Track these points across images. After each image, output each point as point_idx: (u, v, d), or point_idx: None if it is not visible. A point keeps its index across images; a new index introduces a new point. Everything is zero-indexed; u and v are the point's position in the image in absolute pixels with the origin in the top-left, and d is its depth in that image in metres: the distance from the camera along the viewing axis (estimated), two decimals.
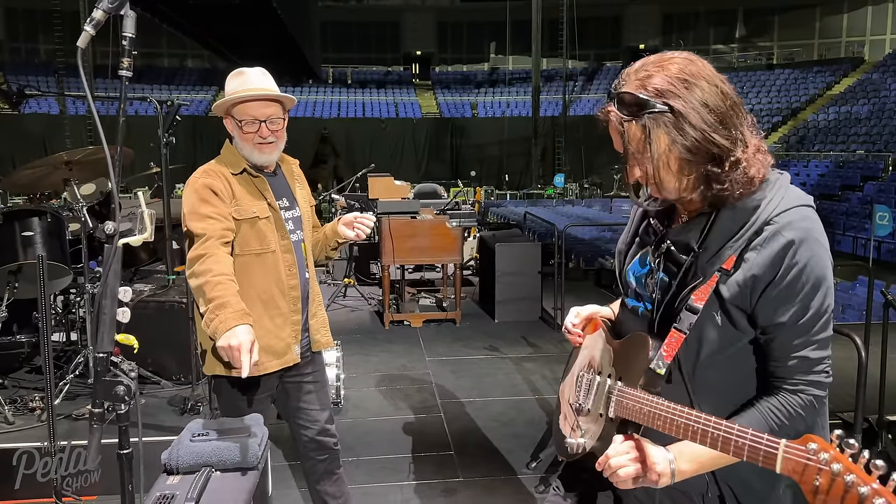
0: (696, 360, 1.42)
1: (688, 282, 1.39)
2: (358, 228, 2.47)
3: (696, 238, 1.40)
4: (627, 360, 1.50)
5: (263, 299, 2.32)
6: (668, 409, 1.32)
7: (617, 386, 1.47)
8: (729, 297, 1.35)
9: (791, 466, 1.10)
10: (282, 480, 3.43)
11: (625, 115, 1.33)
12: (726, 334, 1.39)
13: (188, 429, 2.05)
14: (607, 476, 1.39)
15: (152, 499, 1.77)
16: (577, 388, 1.64)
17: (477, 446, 3.96)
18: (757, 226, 1.33)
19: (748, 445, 1.17)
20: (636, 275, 1.56)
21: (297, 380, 2.51)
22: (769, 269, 1.31)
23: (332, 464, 2.64)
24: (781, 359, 1.38)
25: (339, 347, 4.59)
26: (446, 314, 6.53)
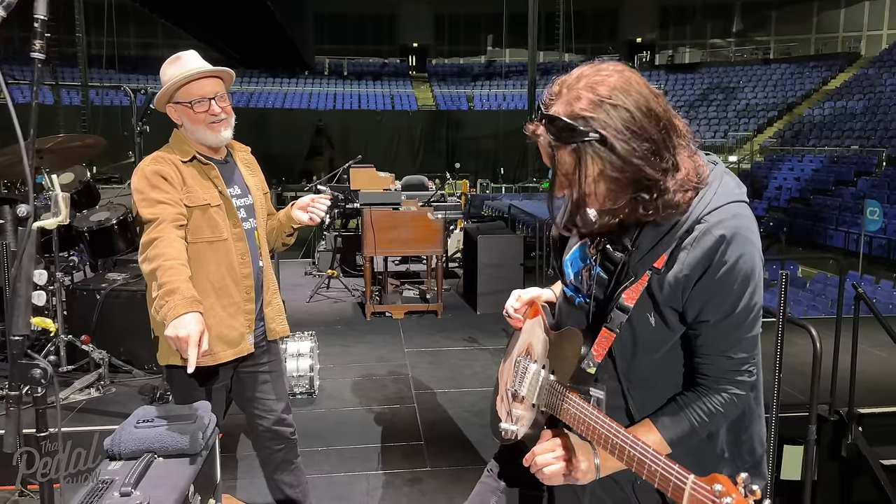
0: (631, 358, 1.42)
1: (621, 280, 1.39)
2: (312, 212, 2.46)
3: (630, 236, 1.39)
4: (560, 353, 1.49)
5: (216, 288, 2.32)
6: (592, 417, 1.33)
7: (549, 379, 1.48)
8: (661, 296, 1.35)
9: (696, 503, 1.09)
10: (250, 469, 3.44)
11: (554, 141, 1.30)
12: (660, 333, 1.39)
13: (134, 415, 2.06)
14: (533, 472, 1.41)
15: (91, 484, 1.78)
16: (514, 374, 1.65)
17: (447, 436, 3.97)
18: (688, 224, 1.33)
19: (660, 473, 1.17)
20: (574, 266, 1.56)
21: (253, 369, 2.51)
22: (698, 268, 1.31)
23: (289, 453, 2.64)
24: (707, 356, 1.39)
25: (314, 338, 4.59)
26: (428, 306, 6.53)
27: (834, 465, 4.04)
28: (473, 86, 32.98)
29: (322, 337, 5.10)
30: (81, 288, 4.18)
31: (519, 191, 24.67)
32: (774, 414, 2.62)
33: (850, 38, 31.73)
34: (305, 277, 8.00)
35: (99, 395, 3.72)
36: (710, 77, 31.62)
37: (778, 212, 19.54)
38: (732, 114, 28.55)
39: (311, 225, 2.51)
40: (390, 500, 3.29)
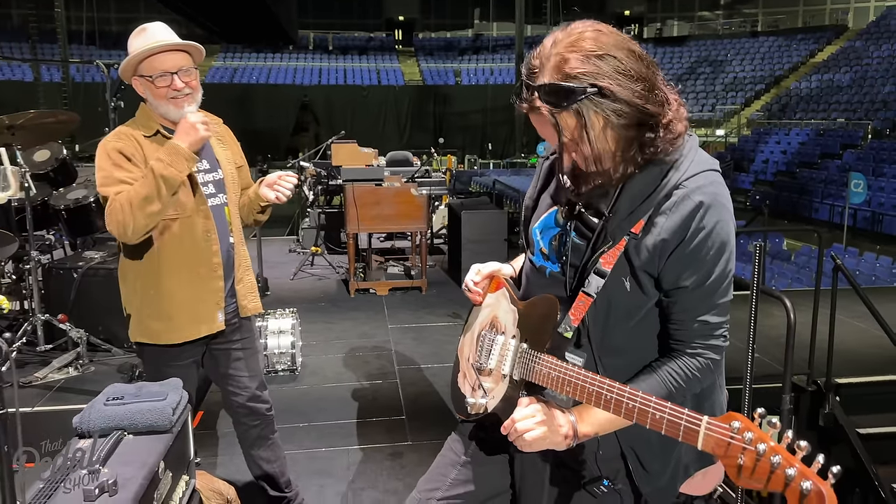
0: (604, 324, 1.42)
1: (598, 246, 1.39)
2: (278, 190, 2.43)
3: (606, 202, 1.38)
4: (533, 322, 1.48)
5: (182, 264, 2.29)
6: (579, 376, 1.32)
7: (522, 348, 1.46)
8: (637, 262, 1.35)
9: (713, 444, 1.09)
10: (231, 446, 3.44)
11: (554, 108, 1.28)
12: (635, 299, 1.39)
13: (104, 392, 2.04)
14: (512, 440, 1.39)
15: (59, 461, 1.76)
16: (479, 348, 1.63)
17: (429, 411, 3.99)
18: (667, 190, 1.33)
19: (667, 419, 1.16)
20: (545, 234, 1.54)
21: (226, 347, 2.50)
22: (677, 233, 1.31)
23: (266, 429, 2.64)
24: (682, 322, 1.40)
25: (295, 315, 4.58)
26: (412, 282, 6.52)
27: (812, 434, 4.09)
28: (461, 60, 32.68)
29: (305, 314, 5.09)
30: (58, 266, 4.13)
31: (507, 166, 24.57)
32: (748, 385, 2.64)
33: (838, 10, 31.63)
34: (290, 255, 7.96)
35: (77, 374, 3.69)
36: (699, 50, 31.50)
37: (764, 185, 19.59)
38: (720, 87, 28.49)
39: (278, 203, 2.48)
40: (370, 475, 3.30)
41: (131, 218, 2.11)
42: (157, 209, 2.13)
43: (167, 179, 2.12)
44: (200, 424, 3.77)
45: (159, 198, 2.12)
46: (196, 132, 2.17)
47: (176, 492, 1.97)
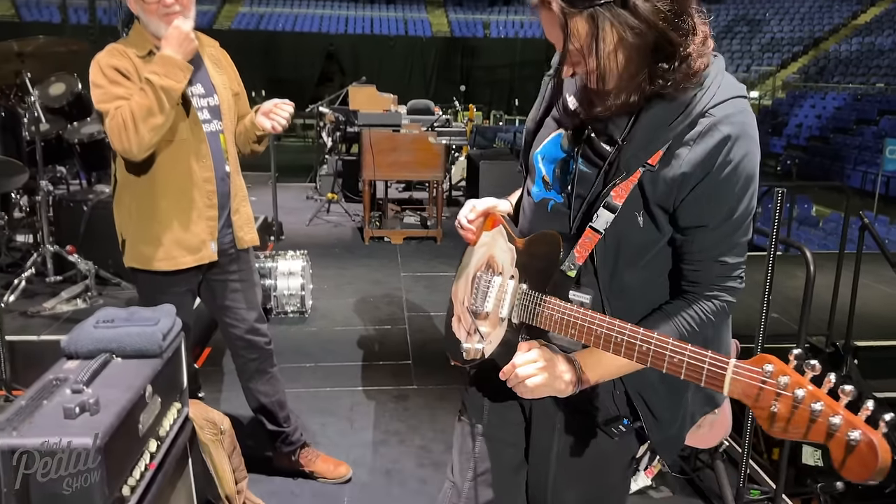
0: (613, 263, 1.31)
1: (609, 177, 1.27)
2: (274, 119, 2.34)
3: (620, 128, 1.25)
4: (534, 260, 1.38)
5: (174, 191, 2.24)
6: (585, 317, 1.22)
7: (521, 289, 1.36)
8: (653, 196, 1.24)
9: (742, 389, 0.98)
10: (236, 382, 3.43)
11: (569, 7, 1.15)
12: (647, 235, 1.28)
13: (94, 315, 2.01)
14: (511, 386, 1.30)
15: (43, 381, 1.74)
16: (474, 290, 1.52)
17: (436, 357, 3.96)
18: (691, 118, 1.20)
19: (686, 363, 1.05)
20: (548, 160, 1.41)
21: (222, 278, 2.46)
22: (701, 167, 1.19)
23: (264, 363, 2.62)
24: (699, 262, 1.28)
25: (306, 257, 4.55)
26: (427, 232, 6.46)
27: None
28: (490, 12, 31.92)
29: (319, 259, 5.07)
30: (69, 199, 4.11)
31: None
32: (760, 345, 2.54)
33: None
34: (306, 201, 7.92)
35: (86, 307, 3.70)
36: (736, 8, 30.42)
37: (797, 150, 19.08)
38: (756, 47, 27.58)
39: (273, 133, 2.39)
40: (374, 415, 3.29)
41: (135, 132, 2.05)
42: (160, 122, 2.07)
43: (167, 90, 2.05)
44: (207, 361, 3.78)
45: (161, 110, 2.06)
46: (189, 41, 2.10)
47: (167, 418, 1.94)
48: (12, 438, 1.47)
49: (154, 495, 1.78)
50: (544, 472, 1.45)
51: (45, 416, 1.57)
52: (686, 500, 2.69)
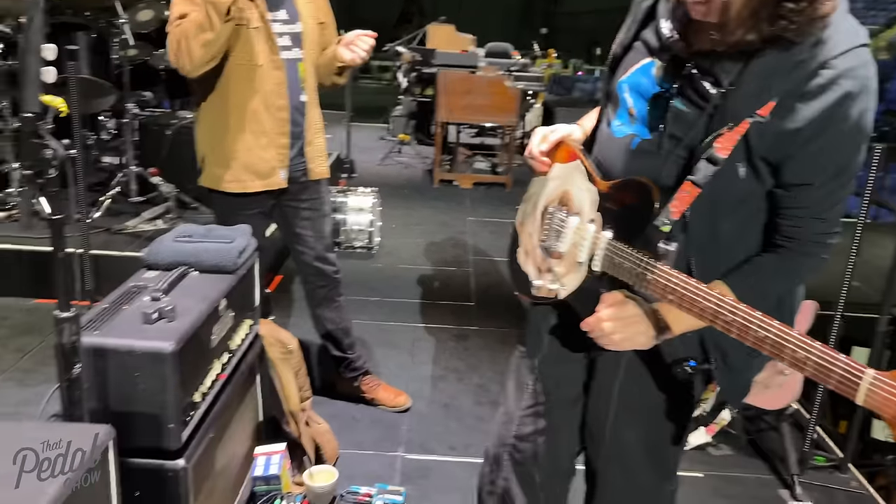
0: (708, 215, 1.23)
1: (714, 125, 1.17)
2: (354, 50, 2.32)
3: (728, 72, 1.15)
4: (621, 209, 1.29)
5: (247, 115, 2.27)
6: (688, 287, 1.12)
7: (604, 237, 1.28)
8: (758, 148, 1.15)
9: (879, 404, 0.89)
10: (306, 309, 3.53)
11: None
12: (746, 187, 1.20)
13: (174, 230, 2.08)
14: (594, 337, 1.26)
15: (125, 288, 1.82)
16: (546, 226, 1.46)
17: (498, 301, 3.96)
18: (810, 69, 1.10)
19: (812, 361, 0.95)
20: (635, 92, 1.31)
21: (294, 205, 2.50)
22: (816, 124, 1.11)
23: (332, 291, 2.67)
24: (799, 219, 1.21)
25: (376, 194, 4.58)
26: (497, 178, 6.40)
27: None
28: None
29: (388, 199, 5.09)
30: (153, 123, 4.24)
31: None
32: (840, 312, 2.42)
33: None
34: (379, 142, 7.94)
35: (166, 227, 3.84)
36: None
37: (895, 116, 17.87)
38: (861, 4, 25.71)
39: (353, 65, 2.37)
40: (434, 351, 3.33)
41: (186, 48, 2.09)
42: (209, 38, 2.08)
43: (214, 4, 2.05)
44: (278, 287, 3.90)
45: (211, 26, 2.07)
46: None
47: (238, 332, 2.01)
48: (94, 337, 1.55)
49: (223, 404, 1.86)
50: (605, 408, 1.43)
51: (125, 320, 1.65)
52: (746, 460, 2.64)
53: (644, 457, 1.44)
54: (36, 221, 3.75)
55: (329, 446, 2.40)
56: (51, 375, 1.75)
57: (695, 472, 2.53)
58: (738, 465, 2.61)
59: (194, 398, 1.70)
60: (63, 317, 1.35)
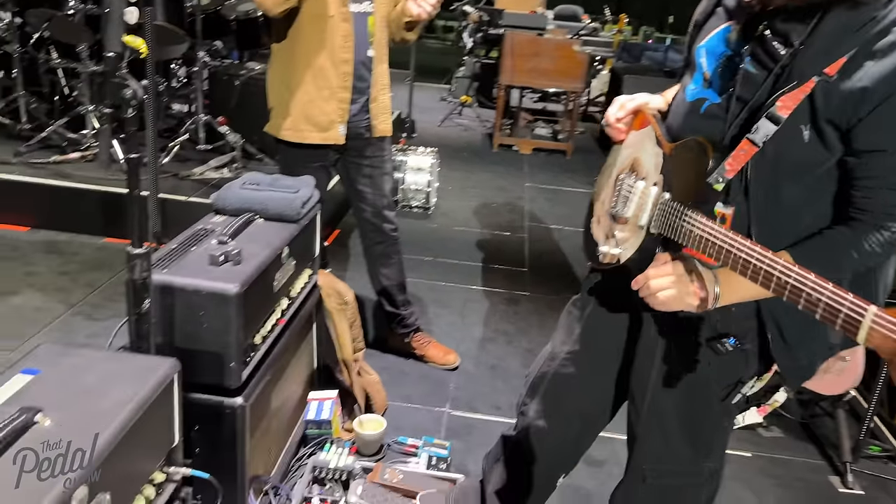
0: (769, 181, 1.21)
1: (779, 84, 1.15)
2: (422, 5, 2.30)
3: (799, 30, 1.13)
4: (680, 168, 1.29)
5: (311, 66, 2.29)
6: (725, 239, 1.12)
7: (663, 198, 1.28)
8: (824, 110, 1.12)
9: (878, 341, 0.88)
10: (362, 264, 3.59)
11: None
12: (811, 154, 1.17)
13: (242, 178, 2.13)
14: (643, 296, 1.26)
15: (193, 230, 1.89)
16: (616, 193, 1.47)
17: (552, 268, 3.95)
18: (882, 25, 1.07)
19: (824, 302, 0.95)
20: (712, 56, 1.30)
21: (356, 161, 2.53)
22: (887, 84, 1.06)
23: (389, 248, 2.71)
24: (872, 189, 1.16)
25: (435, 154, 4.58)
26: (558, 144, 6.31)
27: None
28: None
29: (446, 161, 5.09)
30: (223, 73, 4.32)
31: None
32: None
33: None
34: (440, 103, 7.91)
35: (231, 176, 3.93)
36: None
37: None
38: None
39: (419, 20, 2.35)
40: (484, 313, 3.35)
41: None
42: None
43: None
44: (335, 241, 3.97)
45: None
46: None
47: (298, 281, 2.07)
48: (163, 275, 1.62)
49: (281, 348, 1.92)
50: (647, 372, 1.45)
51: (193, 261, 1.71)
52: (797, 444, 2.59)
53: (681, 428, 1.44)
54: (109, 163, 3.89)
55: (379, 397, 2.46)
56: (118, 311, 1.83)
57: (742, 452, 2.51)
58: (788, 447, 2.56)
59: (255, 340, 1.77)
60: (135, 253, 1.41)
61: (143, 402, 1.14)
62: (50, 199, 3.67)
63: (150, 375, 1.20)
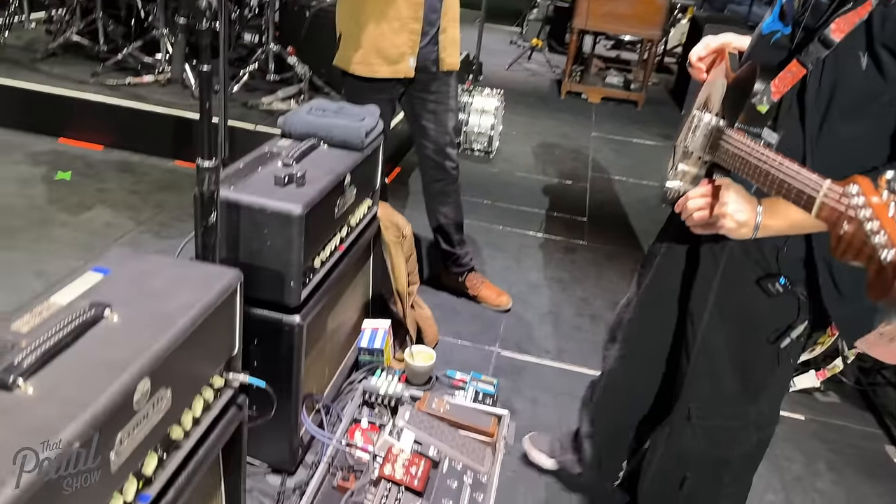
0: (825, 110, 1.18)
1: (837, 7, 1.13)
2: None
3: None
4: (735, 94, 1.28)
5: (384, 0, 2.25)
6: (752, 151, 1.12)
7: (719, 125, 1.28)
8: (880, 34, 1.08)
9: (826, 214, 0.89)
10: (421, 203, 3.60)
11: None
12: (869, 84, 1.13)
13: (309, 104, 2.15)
14: (684, 218, 1.29)
15: (260, 151, 1.91)
16: (688, 129, 1.46)
17: (612, 219, 3.88)
18: None
19: (795, 189, 0.96)
20: None
21: (421, 95, 2.51)
22: None
23: (448, 186, 2.70)
24: None
25: (501, 97, 4.51)
26: (628, 94, 6.11)
27: None
28: None
29: (511, 105, 5.00)
30: (293, 3, 4.30)
31: None
32: None
33: None
34: (509, 46, 7.73)
35: (298, 108, 3.96)
36: None
37: None
38: None
39: None
40: (540, 259, 3.33)
41: None
42: None
43: None
44: (395, 180, 3.98)
45: None
46: None
47: (359, 210, 2.09)
48: (230, 192, 1.65)
49: (339, 274, 1.96)
50: (701, 312, 1.45)
51: (258, 180, 1.74)
52: (853, 411, 2.52)
53: (730, 368, 1.44)
54: (182, 88, 3.97)
55: (430, 331, 2.50)
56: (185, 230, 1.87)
57: (797, 415, 2.46)
58: (844, 413, 2.50)
59: (314, 264, 1.80)
60: (205, 166, 1.45)
61: (207, 306, 1.18)
62: (124, 120, 3.78)
63: (215, 283, 1.24)
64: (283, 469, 1.90)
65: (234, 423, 1.37)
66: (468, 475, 1.76)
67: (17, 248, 2.80)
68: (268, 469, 1.91)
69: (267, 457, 1.90)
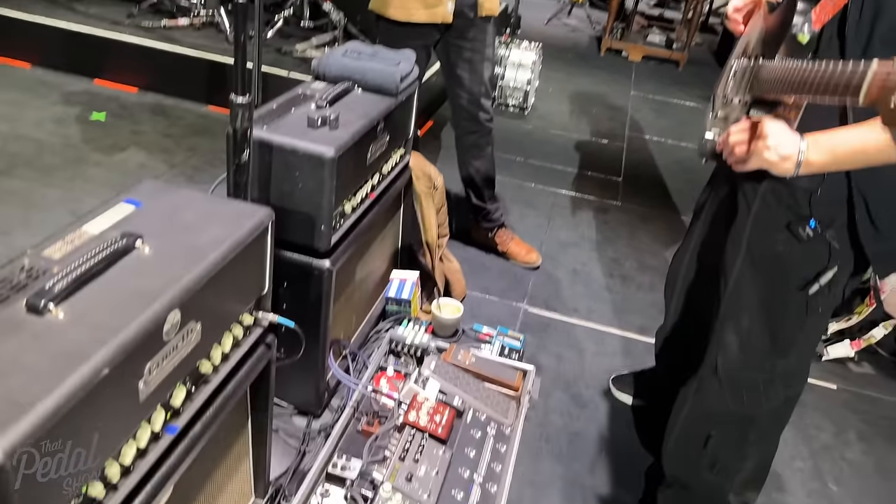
0: (867, 40, 1.15)
1: None
2: None
3: None
4: (772, 30, 1.25)
5: None
6: (783, 67, 1.08)
7: (759, 63, 1.24)
8: None
9: (875, 92, 0.84)
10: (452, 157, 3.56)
11: None
12: None
13: (344, 46, 2.10)
14: (725, 156, 1.27)
15: (294, 93, 1.88)
16: (727, 78, 1.43)
17: (648, 179, 3.80)
18: None
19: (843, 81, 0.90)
20: None
21: (458, 43, 2.44)
22: None
23: (482, 139, 2.65)
24: None
25: (539, 51, 4.40)
26: (671, 54, 5.93)
27: None
28: None
29: (549, 62, 4.88)
30: None
31: None
32: None
33: None
34: (549, 1, 7.54)
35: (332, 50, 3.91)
36: None
37: None
38: None
39: None
40: (572, 218, 3.28)
41: None
42: None
43: None
44: (428, 132, 3.93)
45: None
46: None
47: (391, 158, 2.06)
48: (263, 132, 1.63)
49: (369, 221, 1.94)
50: (735, 256, 1.43)
51: (291, 122, 1.71)
52: (888, 383, 2.46)
53: (759, 317, 1.42)
54: (216, 32, 3.93)
55: (458, 284, 2.48)
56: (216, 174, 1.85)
57: (828, 384, 2.41)
58: (878, 385, 2.44)
59: (345, 209, 1.78)
60: (239, 102, 1.42)
61: (238, 242, 1.17)
62: (159, 63, 3.77)
63: (246, 220, 1.23)
64: (308, 411, 1.92)
65: (263, 361, 1.37)
66: (491, 426, 1.76)
67: (52, 185, 2.83)
68: (294, 411, 1.93)
69: (294, 398, 1.92)
